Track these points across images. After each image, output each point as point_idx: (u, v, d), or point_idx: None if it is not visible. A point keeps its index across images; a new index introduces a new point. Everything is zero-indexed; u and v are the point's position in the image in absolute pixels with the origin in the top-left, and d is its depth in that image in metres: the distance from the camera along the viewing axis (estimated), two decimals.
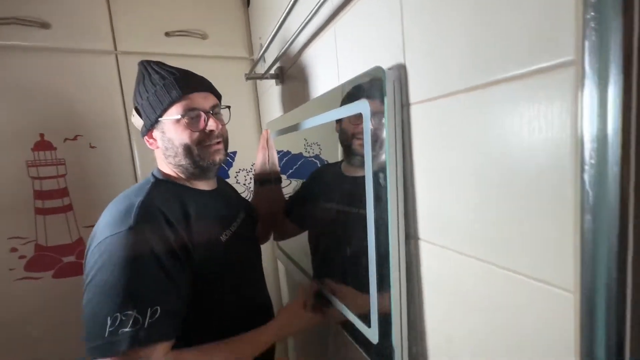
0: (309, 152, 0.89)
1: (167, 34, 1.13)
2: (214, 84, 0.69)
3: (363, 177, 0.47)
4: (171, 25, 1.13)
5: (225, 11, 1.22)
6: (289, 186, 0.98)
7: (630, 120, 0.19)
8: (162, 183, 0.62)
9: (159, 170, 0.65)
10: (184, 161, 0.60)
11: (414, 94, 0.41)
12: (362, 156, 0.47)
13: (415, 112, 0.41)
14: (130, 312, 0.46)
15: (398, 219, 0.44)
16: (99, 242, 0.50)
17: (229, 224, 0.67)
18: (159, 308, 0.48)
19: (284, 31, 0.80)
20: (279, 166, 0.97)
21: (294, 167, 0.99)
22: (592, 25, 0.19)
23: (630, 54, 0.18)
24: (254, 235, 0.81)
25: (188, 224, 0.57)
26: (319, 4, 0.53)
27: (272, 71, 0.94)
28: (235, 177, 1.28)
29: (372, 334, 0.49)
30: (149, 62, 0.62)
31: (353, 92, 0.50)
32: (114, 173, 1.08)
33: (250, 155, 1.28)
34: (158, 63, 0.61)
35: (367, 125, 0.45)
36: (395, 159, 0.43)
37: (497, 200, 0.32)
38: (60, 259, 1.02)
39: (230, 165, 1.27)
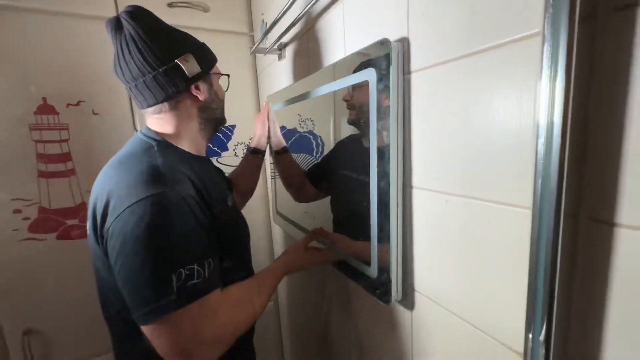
0: (302, 128, 0.96)
1: (169, 5, 1.14)
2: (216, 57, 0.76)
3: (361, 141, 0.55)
4: None
5: None
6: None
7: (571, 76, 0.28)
8: (164, 145, 0.60)
9: (156, 132, 0.61)
10: (219, 114, 0.68)
11: (414, 63, 0.49)
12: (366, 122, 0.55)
13: (415, 79, 0.49)
14: (192, 267, 0.47)
15: (397, 171, 0.52)
16: (133, 204, 0.47)
17: (229, 191, 0.71)
18: (211, 260, 0.51)
19: (289, 8, 0.85)
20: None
21: (289, 142, 1.05)
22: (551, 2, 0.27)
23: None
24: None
25: (204, 186, 0.59)
26: None
27: (274, 47, 0.99)
28: (234, 150, 1.33)
29: (371, 270, 0.59)
30: None
31: (360, 62, 0.57)
32: (116, 140, 1.10)
33: (248, 130, 1.33)
34: None
35: (374, 91, 0.53)
36: (397, 119, 0.51)
37: (476, 152, 0.40)
38: (64, 222, 1.05)
39: (229, 138, 1.32)
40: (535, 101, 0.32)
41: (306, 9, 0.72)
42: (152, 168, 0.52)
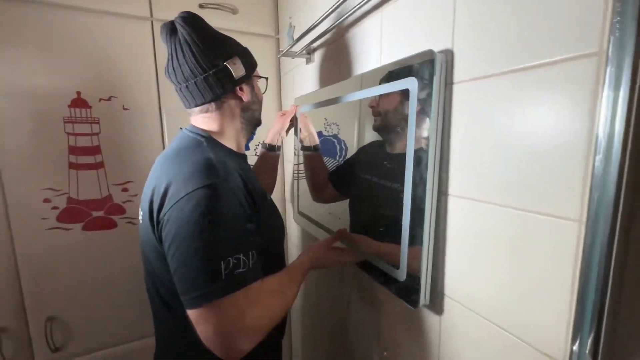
0: (327, 132, 0.97)
1: (201, 6, 1.17)
2: None
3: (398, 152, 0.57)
4: None
5: None
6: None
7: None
8: (212, 141, 0.63)
9: (202, 129, 0.65)
10: (257, 115, 0.72)
11: (457, 75, 0.50)
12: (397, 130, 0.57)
13: (457, 90, 0.51)
14: (239, 256, 0.50)
15: (433, 178, 0.53)
16: (190, 193, 0.50)
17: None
18: (254, 251, 0.53)
19: (319, 13, 0.87)
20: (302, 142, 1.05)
21: None
22: (617, 24, 0.28)
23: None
24: None
25: (249, 180, 0.62)
26: None
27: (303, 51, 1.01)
28: (255, 150, 1.35)
29: (399, 273, 0.60)
30: None
31: (399, 71, 0.58)
32: (143, 135, 1.13)
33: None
34: None
35: (414, 99, 0.54)
36: (437, 127, 0.52)
37: (519, 164, 0.42)
38: (90, 213, 1.08)
39: (251, 138, 1.34)
40: (594, 119, 0.33)
41: (342, 19, 0.74)
42: (206, 160, 0.55)
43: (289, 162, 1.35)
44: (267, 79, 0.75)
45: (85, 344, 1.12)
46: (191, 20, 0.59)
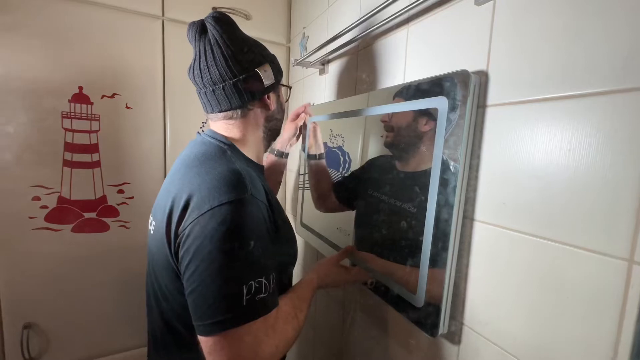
0: (332, 143, 0.96)
1: (214, 9, 1.15)
2: None
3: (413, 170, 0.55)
4: (220, 0, 1.15)
5: None
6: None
7: None
8: (235, 150, 0.59)
9: (223, 136, 0.60)
10: (280, 124, 0.68)
11: (491, 97, 0.49)
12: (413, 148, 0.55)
13: (491, 113, 0.49)
14: (261, 280, 0.46)
15: (459, 202, 0.51)
16: (215, 207, 0.46)
17: None
18: (274, 273, 0.50)
19: (337, 25, 0.86)
20: (307, 152, 1.02)
21: None
22: None
23: None
24: None
25: (271, 195, 0.58)
26: (386, 3, 0.60)
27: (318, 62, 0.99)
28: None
29: (417, 299, 0.57)
30: None
31: (427, 89, 0.57)
32: (144, 136, 1.09)
33: None
34: None
35: (443, 118, 0.53)
36: (466, 150, 0.50)
37: (560, 195, 0.40)
38: (82, 214, 1.03)
39: None
40: None
41: (364, 33, 0.73)
42: (233, 172, 0.51)
43: (291, 172, 1.32)
44: (290, 87, 0.74)
45: (63, 355, 1.04)
46: (223, 20, 0.55)
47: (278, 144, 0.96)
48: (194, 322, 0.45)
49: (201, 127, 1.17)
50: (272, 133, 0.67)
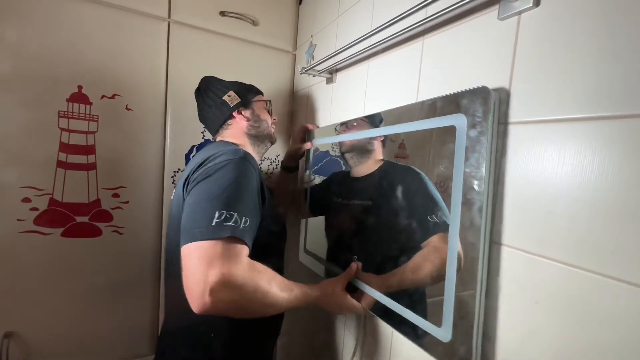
0: (334, 152, 0.94)
1: (221, 13, 1.13)
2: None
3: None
4: (228, 5, 1.14)
5: (278, 3, 1.25)
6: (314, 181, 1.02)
7: None
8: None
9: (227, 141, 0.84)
10: (262, 130, 0.88)
11: (514, 115, 0.47)
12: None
13: (514, 130, 0.47)
14: (232, 212, 0.55)
15: (486, 225, 0.48)
16: (221, 159, 0.63)
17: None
18: (249, 219, 0.58)
19: (347, 34, 0.84)
20: (311, 161, 1.02)
21: (319, 164, 1.03)
22: None
23: None
24: None
25: (265, 181, 0.73)
26: (402, 16, 0.59)
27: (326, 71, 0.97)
28: (260, 165, 1.28)
29: (443, 332, 0.53)
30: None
31: (445, 106, 0.54)
32: (144, 139, 1.06)
33: (276, 147, 1.30)
34: None
35: (462, 136, 0.50)
36: (489, 168, 0.48)
37: (595, 220, 0.37)
38: (73, 218, 0.98)
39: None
40: None
41: (376, 43, 0.71)
42: (241, 150, 0.69)
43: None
44: (268, 101, 0.94)
45: None
46: (204, 80, 0.89)
47: (284, 159, 1.09)
48: (181, 240, 0.55)
49: (202, 133, 1.14)
50: (258, 137, 0.88)
